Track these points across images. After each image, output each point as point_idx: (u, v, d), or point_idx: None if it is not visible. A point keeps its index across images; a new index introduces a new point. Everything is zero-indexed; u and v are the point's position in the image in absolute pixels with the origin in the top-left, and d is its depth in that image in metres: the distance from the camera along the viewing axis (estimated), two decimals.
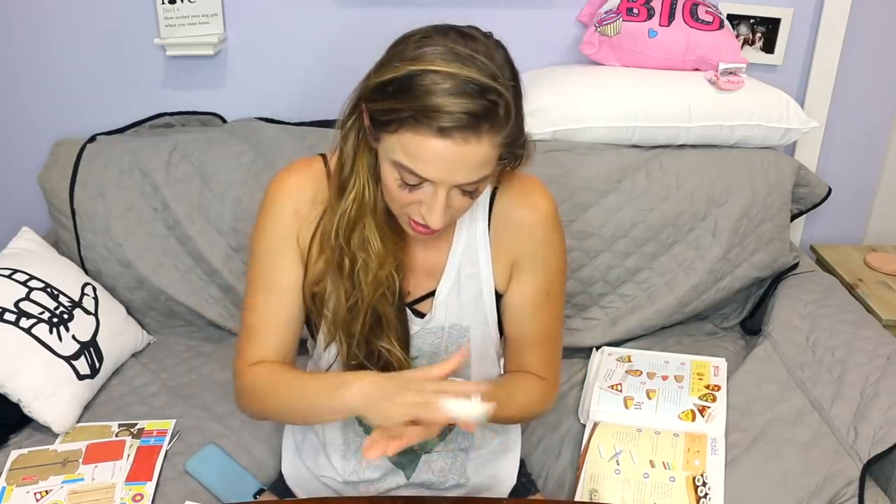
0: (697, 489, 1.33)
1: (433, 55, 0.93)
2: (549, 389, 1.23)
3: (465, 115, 0.91)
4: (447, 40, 0.95)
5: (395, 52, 0.98)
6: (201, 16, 1.86)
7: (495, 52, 0.97)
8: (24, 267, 1.62)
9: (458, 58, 0.93)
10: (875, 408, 1.44)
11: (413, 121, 0.92)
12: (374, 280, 1.08)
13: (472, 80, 0.91)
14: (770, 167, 1.81)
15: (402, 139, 0.94)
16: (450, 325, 1.17)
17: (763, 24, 1.95)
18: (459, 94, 0.91)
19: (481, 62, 0.93)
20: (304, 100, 1.95)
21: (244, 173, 1.77)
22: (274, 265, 1.12)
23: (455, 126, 0.91)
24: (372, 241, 1.06)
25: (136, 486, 1.36)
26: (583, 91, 1.79)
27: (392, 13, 1.90)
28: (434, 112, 0.90)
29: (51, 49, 1.91)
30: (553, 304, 1.20)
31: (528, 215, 1.14)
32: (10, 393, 1.46)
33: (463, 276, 1.15)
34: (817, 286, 1.81)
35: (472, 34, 0.98)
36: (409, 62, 0.93)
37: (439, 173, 0.95)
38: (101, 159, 1.79)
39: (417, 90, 0.91)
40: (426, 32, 0.98)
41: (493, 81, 0.92)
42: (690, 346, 1.80)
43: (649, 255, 1.78)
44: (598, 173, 1.75)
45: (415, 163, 0.94)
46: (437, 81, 0.91)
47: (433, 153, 0.93)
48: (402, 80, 0.93)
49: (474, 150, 0.93)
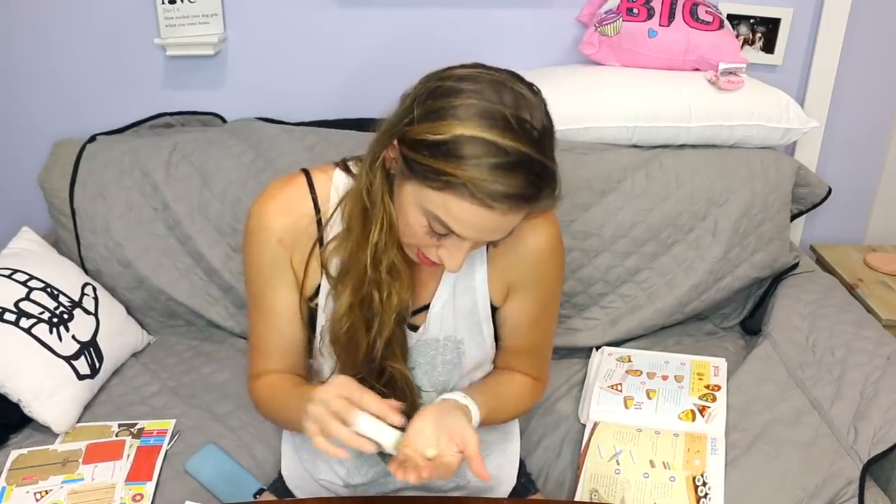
0: (697, 489, 1.33)
1: (483, 119, 0.89)
2: (541, 387, 1.28)
3: (516, 193, 0.90)
4: (494, 97, 0.91)
5: (440, 105, 0.92)
6: (201, 16, 1.86)
7: (539, 106, 0.94)
8: (24, 267, 1.62)
9: (508, 126, 0.90)
10: (875, 408, 1.44)
11: (460, 188, 0.90)
12: (398, 303, 1.08)
13: (525, 156, 0.90)
14: (770, 167, 1.81)
15: (445, 199, 0.92)
16: (444, 338, 1.16)
17: (763, 24, 1.95)
18: (512, 172, 0.89)
19: (531, 127, 0.91)
20: (303, 100, 1.95)
21: (244, 173, 1.77)
22: (264, 292, 1.13)
23: (504, 201, 0.90)
24: (400, 267, 1.06)
25: (136, 486, 1.36)
26: (583, 91, 1.79)
27: (392, 13, 1.90)
28: (484, 185, 0.89)
29: (51, 49, 1.91)
30: (550, 315, 1.23)
31: (531, 239, 1.13)
32: (10, 393, 1.46)
33: (458, 289, 1.15)
34: (817, 286, 1.81)
35: (515, 85, 0.94)
36: (458, 124, 0.90)
37: (474, 234, 0.95)
38: (101, 159, 1.79)
39: (468, 160, 0.89)
40: (470, 89, 0.92)
41: (542, 153, 0.91)
42: (690, 346, 1.80)
43: (649, 255, 1.78)
44: (598, 173, 1.75)
45: (451, 221, 0.94)
46: (492, 154, 0.89)
47: (473, 219, 0.92)
48: (451, 143, 0.90)
49: (514, 219, 0.95)
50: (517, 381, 1.24)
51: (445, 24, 1.92)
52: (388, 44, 1.91)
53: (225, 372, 1.69)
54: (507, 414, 1.25)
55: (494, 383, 1.23)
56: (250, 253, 1.12)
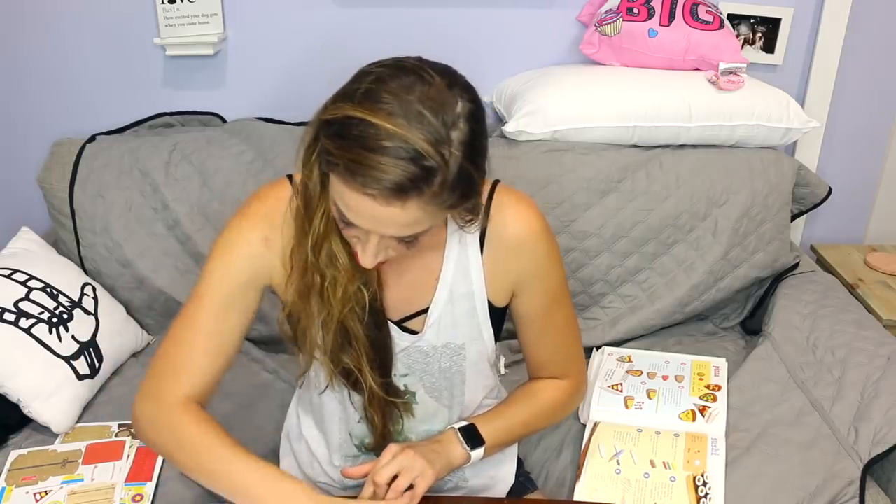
0: (698, 489, 1.33)
1: (379, 105, 0.86)
2: (577, 387, 1.27)
3: (391, 181, 0.85)
4: (402, 87, 0.87)
5: (349, 88, 0.91)
6: (201, 16, 1.86)
7: (454, 106, 0.89)
8: (24, 267, 1.62)
9: (403, 113, 0.85)
10: (875, 408, 1.44)
11: (343, 169, 0.87)
12: (343, 296, 1.05)
13: (410, 144, 0.85)
14: (770, 167, 1.81)
15: (336, 182, 0.90)
16: (443, 345, 1.15)
17: (763, 23, 1.95)
18: (392, 157, 0.85)
19: (429, 122, 0.86)
20: (304, 100, 1.93)
21: (244, 173, 1.77)
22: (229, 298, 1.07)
23: (378, 189, 0.86)
24: (339, 257, 1.03)
25: (135, 487, 1.36)
26: (583, 91, 1.79)
27: (392, 13, 1.90)
28: (361, 169, 0.85)
29: (51, 49, 1.91)
30: (562, 307, 1.21)
31: (522, 235, 1.11)
32: (10, 393, 1.46)
33: (455, 295, 1.13)
34: (817, 286, 1.81)
35: (433, 81, 0.89)
36: (353, 106, 0.87)
37: (366, 224, 0.92)
38: (100, 159, 1.79)
39: (352, 140, 0.86)
40: (383, 74, 0.90)
41: (435, 148, 0.86)
42: (690, 346, 1.80)
43: (649, 255, 1.78)
44: (598, 173, 1.75)
45: (344, 207, 0.92)
46: (374, 137, 0.85)
47: (357, 205, 0.89)
48: (342, 123, 0.88)
49: (398, 213, 0.88)
50: (538, 390, 1.25)
51: (446, 23, 1.92)
52: (388, 44, 1.88)
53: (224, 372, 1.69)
54: (530, 428, 1.27)
55: (510, 401, 1.25)
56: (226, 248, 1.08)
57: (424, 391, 1.19)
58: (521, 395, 1.26)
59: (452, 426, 1.18)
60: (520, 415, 1.23)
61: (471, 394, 1.22)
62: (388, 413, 1.17)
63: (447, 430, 1.18)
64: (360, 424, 1.20)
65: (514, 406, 1.24)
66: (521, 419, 1.23)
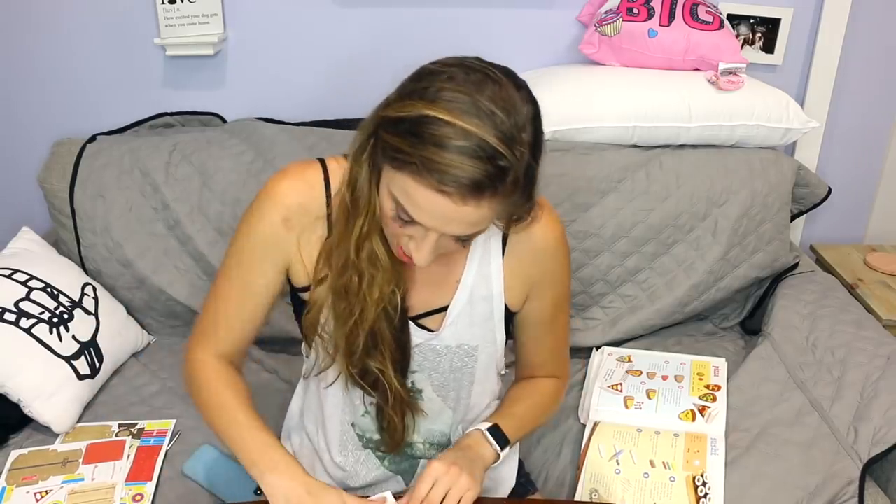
0: (697, 489, 1.33)
1: (452, 103, 0.87)
2: (563, 386, 1.30)
3: (469, 179, 0.86)
4: (471, 86, 0.88)
5: (416, 86, 0.91)
6: (201, 16, 1.86)
7: (522, 107, 0.91)
8: (24, 267, 1.62)
9: (477, 112, 0.87)
10: (875, 408, 1.44)
11: (416, 167, 0.88)
12: (379, 296, 1.05)
13: (485, 143, 0.86)
14: (770, 167, 1.81)
15: (404, 180, 0.90)
16: (457, 345, 1.15)
17: (763, 24, 1.95)
18: (468, 156, 0.86)
19: (501, 121, 0.87)
20: (303, 100, 1.95)
21: (244, 173, 1.77)
22: (252, 266, 1.11)
23: (456, 187, 0.87)
24: (380, 256, 1.04)
25: (136, 486, 1.36)
26: (583, 91, 1.79)
27: (392, 13, 1.90)
28: (438, 167, 0.86)
29: (51, 49, 1.91)
30: (565, 311, 1.24)
31: (544, 238, 1.12)
32: (10, 393, 1.46)
33: (475, 297, 1.13)
34: (817, 286, 1.81)
35: (501, 81, 0.90)
36: (425, 104, 0.88)
37: (432, 222, 0.92)
38: (101, 159, 1.79)
39: (427, 138, 0.86)
40: (452, 73, 0.90)
41: (509, 147, 0.87)
42: (690, 346, 1.80)
43: (649, 255, 1.78)
44: (598, 173, 1.75)
45: (409, 205, 0.91)
46: (449, 135, 0.86)
47: (429, 204, 0.90)
48: (414, 122, 0.88)
49: (472, 212, 0.89)
50: (539, 388, 1.26)
51: (446, 23, 1.92)
52: (388, 44, 1.91)
53: None
54: (534, 424, 1.27)
55: (516, 399, 1.25)
56: (250, 220, 1.10)
57: (432, 389, 1.19)
58: (527, 394, 1.26)
59: (478, 427, 1.16)
60: (530, 412, 1.24)
61: (476, 397, 1.22)
62: (406, 414, 1.17)
63: (472, 433, 1.16)
64: (365, 417, 1.20)
65: (523, 404, 1.24)
66: (531, 416, 1.24)
